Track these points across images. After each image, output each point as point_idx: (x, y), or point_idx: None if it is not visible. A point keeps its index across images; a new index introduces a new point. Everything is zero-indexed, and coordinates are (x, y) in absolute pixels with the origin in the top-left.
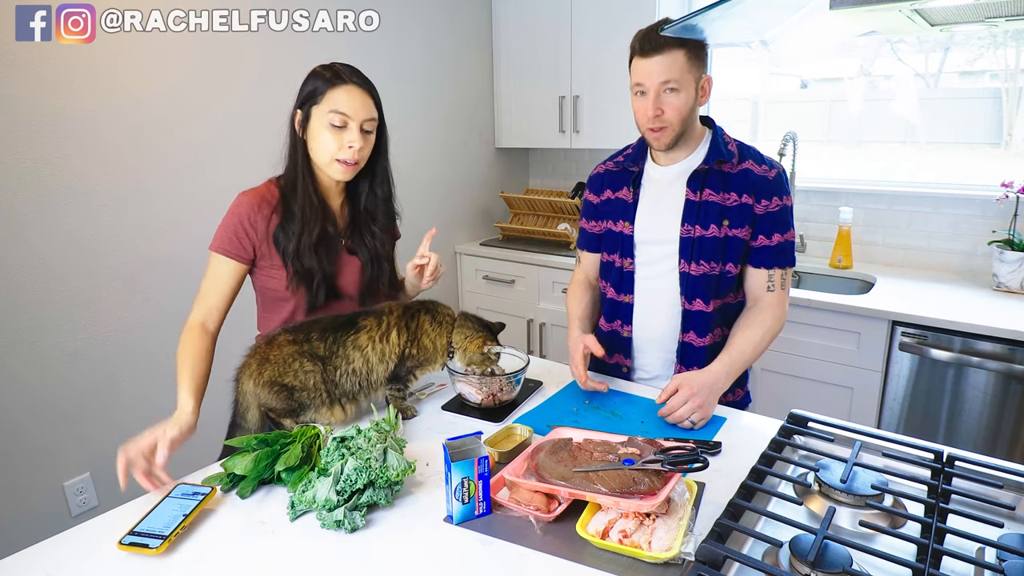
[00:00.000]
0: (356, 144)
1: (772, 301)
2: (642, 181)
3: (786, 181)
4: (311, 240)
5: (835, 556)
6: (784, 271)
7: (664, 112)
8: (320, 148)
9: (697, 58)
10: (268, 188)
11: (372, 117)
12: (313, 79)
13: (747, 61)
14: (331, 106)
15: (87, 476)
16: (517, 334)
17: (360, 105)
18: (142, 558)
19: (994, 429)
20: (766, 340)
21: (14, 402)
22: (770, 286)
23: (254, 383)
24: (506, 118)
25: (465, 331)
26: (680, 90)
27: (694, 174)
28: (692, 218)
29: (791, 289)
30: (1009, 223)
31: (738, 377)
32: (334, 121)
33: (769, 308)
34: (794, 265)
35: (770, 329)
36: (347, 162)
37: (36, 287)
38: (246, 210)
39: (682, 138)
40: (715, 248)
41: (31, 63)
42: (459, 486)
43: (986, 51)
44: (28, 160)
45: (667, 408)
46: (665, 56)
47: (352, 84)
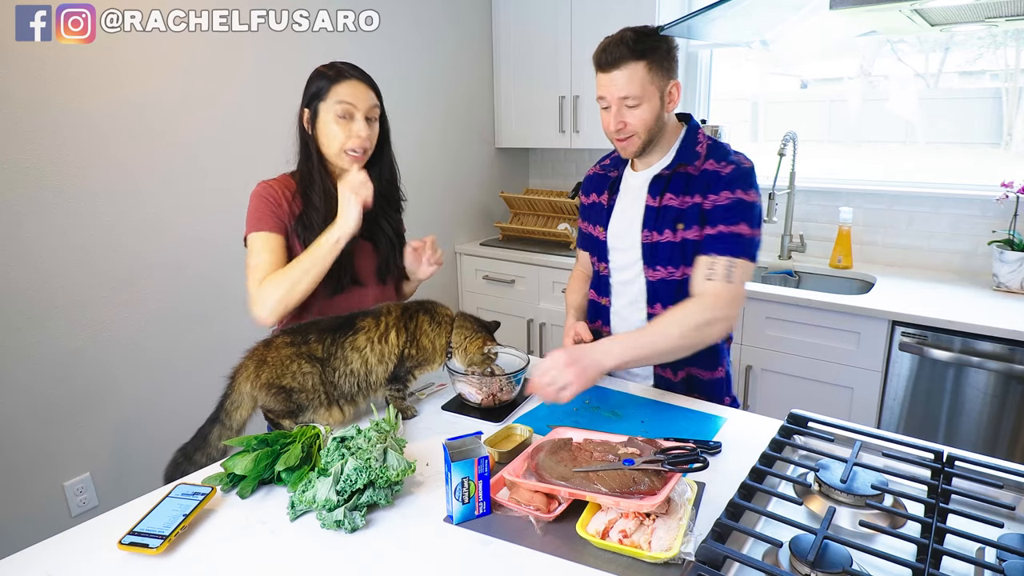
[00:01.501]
0: (363, 132)
1: (709, 291)
2: (620, 187)
3: (745, 177)
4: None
5: (835, 556)
6: (731, 261)
7: (627, 125)
8: (330, 140)
9: (661, 68)
10: (285, 179)
11: (375, 105)
12: (317, 79)
13: (747, 61)
14: (337, 99)
15: (87, 476)
16: (517, 334)
17: (363, 95)
18: (142, 558)
19: (994, 429)
20: (685, 334)
21: (14, 402)
22: (710, 274)
23: (251, 385)
24: (506, 118)
25: (464, 331)
26: (641, 103)
27: (655, 179)
28: (651, 223)
29: (790, 290)
30: (1009, 223)
31: (710, 388)
32: (340, 112)
33: (700, 298)
34: (747, 257)
35: (692, 322)
36: (356, 151)
37: (36, 287)
38: (271, 191)
39: (652, 144)
40: (672, 253)
41: (31, 63)
42: (459, 486)
43: (986, 51)
44: (28, 160)
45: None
46: (623, 71)
47: (354, 78)
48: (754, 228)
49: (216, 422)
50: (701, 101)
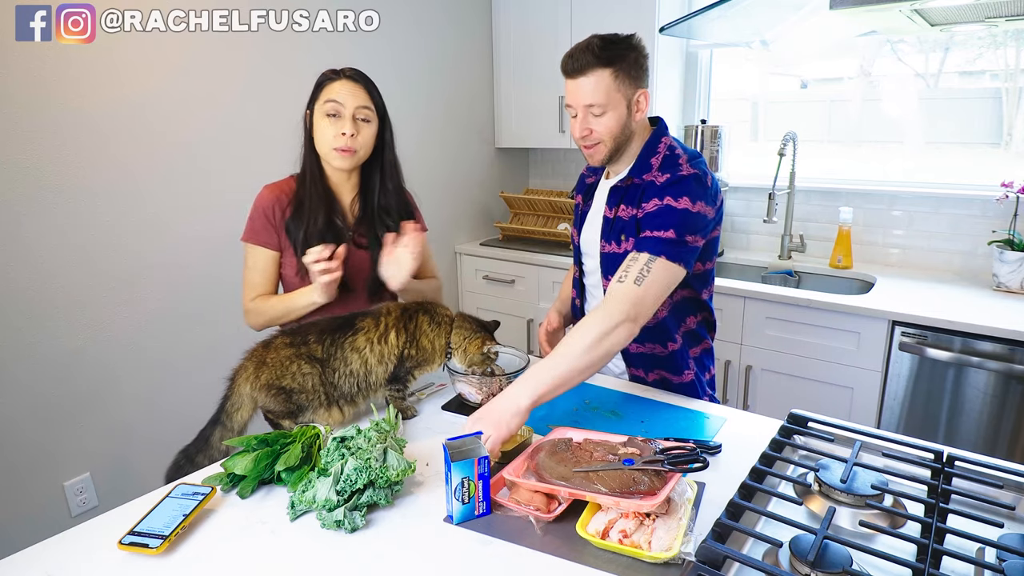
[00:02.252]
0: (348, 131)
1: (611, 294)
2: (595, 193)
3: (679, 184)
4: (317, 227)
5: (835, 556)
6: (649, 258)
7: (593, 132)
8: (320, 139)
9: (628, 76)
10: (288, 182)
11: (365, 105)
12: (318, 80)
13: (747, 61)
14: (326, 97)
15: (87, 476)
16: (517, 334)
17: (351, 94)
18: (142, 558)
19: (994, 429)
20: (591, 350)
21: (14, 402)
22: (622, 276)
23: (251, 386)
24: (506, 118)
25: (464, 332)
26: (607, 111)
27: (612, 190)
28: (607, 234)
29: (790, 289)
30: (1009, 223)
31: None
32: (328, 111)
33: (603, 305)
34: (669, 257)
35: (591, 336)
36: (343, 149)
37: (36, 287)
38: (267, 201)
39: (620, 152)
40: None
41: (31, 63)
42: (459, 486)
43: (986, 51)
44: (28, 160)
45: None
46: (589, 78)
47: (345, 78)
48: (685, 235)
49: (217, 424)
50: (701, 101)
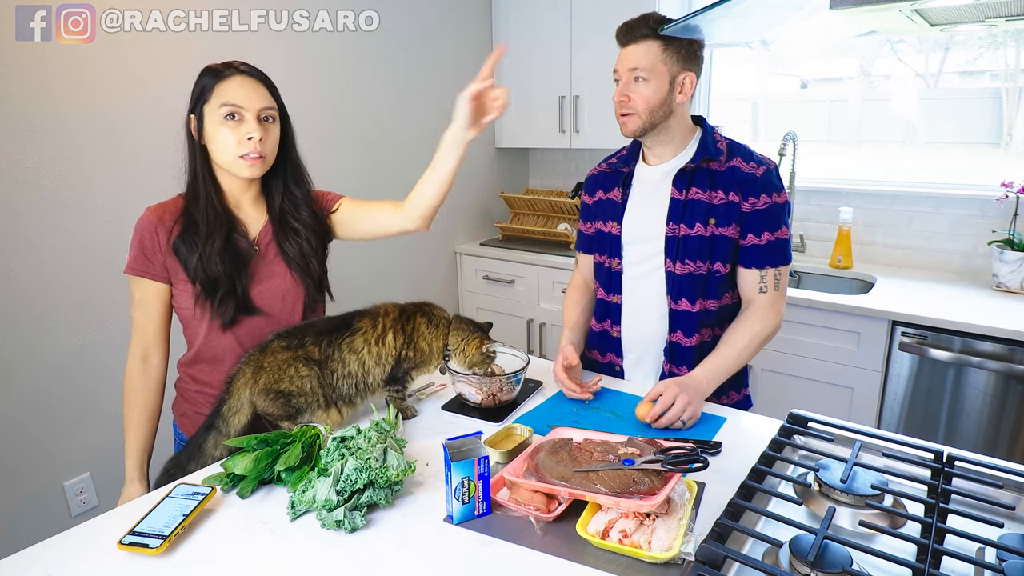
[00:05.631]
0: (256, 134)
1: (764, 303)
2: (632, 182)
3: (775, 178)
4: (215, 249)
5: (835, 556)
6: (777, 271)
7: (631, 99)
8: (220, 148)
9: (678, 54)
10: (174, 201)
11: (269, 106)
12: (200, 79)
13: (747, 61)
14: (221, 99)
15: (87, 476)
16: (517, 334)
17: (252, 93)
18: (142, 558)
19: (994, 429)
20: (753, 345)
21: (14, 402)
22: (762, 287)
23: (250, 391)
24: (506, 118)
25: (461, 333)
26: (649, 80)
27: (680, 172)
28: (678, 216)
29: (790, 289)
30: (1009, 223)
31: (730, 380)
32: (226, 114)
33: (760, 311)
34: (788, 263)
35: (759, 333)
36: (251, 155)
37: (36, 287)
38: (147, 225)
39: (658, 133)
40: (701, 247)
41: (31, 63)
42: (459, 486)
43: (986, 51)
44: (28, 160)
45: (658, 408)
46: (639, 45)
47: (240, 74)
48: (788, 228)
49: (211, 429)
50: (701, 101)
